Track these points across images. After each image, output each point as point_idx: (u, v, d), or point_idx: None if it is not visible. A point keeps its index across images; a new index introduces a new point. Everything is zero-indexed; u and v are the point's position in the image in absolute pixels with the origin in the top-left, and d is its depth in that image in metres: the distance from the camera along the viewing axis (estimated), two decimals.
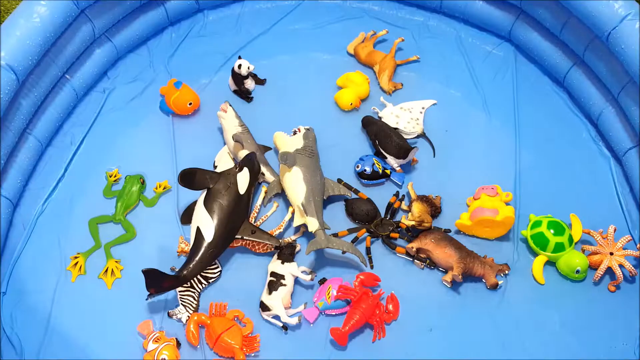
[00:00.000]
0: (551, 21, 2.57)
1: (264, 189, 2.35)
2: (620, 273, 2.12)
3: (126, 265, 2.24)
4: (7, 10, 3.00)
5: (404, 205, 2.35)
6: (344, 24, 2.94)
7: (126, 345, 2.07)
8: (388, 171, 2.41)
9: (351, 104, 2.60)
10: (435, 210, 2.29)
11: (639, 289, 2.17)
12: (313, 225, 2.15)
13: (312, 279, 2.15)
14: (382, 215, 2.31)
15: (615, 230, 2.20)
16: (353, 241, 2.23)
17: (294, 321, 2.05)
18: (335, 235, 2.22)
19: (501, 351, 2.06)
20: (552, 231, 2.18)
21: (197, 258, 2.07)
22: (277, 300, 2.07)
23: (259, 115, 2.59)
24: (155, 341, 2.02)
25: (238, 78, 2.63)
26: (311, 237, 2.18)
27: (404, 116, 2.56)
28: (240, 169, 2.24)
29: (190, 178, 2.17)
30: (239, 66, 2.59)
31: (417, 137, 2.55)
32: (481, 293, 2.17)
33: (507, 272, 2.19)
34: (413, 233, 2.26)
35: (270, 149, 2.50)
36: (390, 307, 2.11)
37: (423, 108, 2.63)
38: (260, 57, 2.76)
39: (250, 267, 2.23)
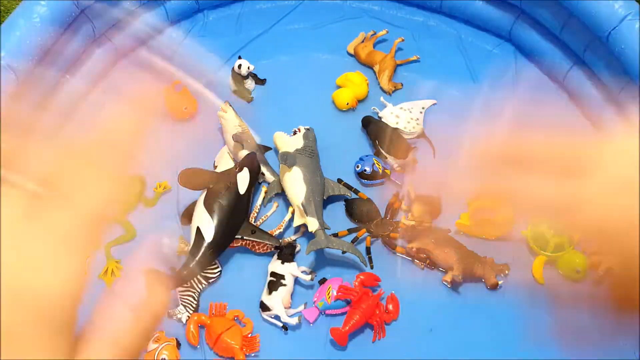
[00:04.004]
0: (551, 21, 2.57)
1: (264, 189, 2.35)
2: None
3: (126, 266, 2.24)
4: (7, 10, 3.00)
5: (404, 205, 2.35)
6: (344, 24, 2.94)
7: None
8: (388, 171, 2.41)
9: (347, 104, 2.60)
10: (435, 210, 2.29)
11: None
12: (313, 225, 2.15)
13: (312, 279, 2.15)
14: (382, 215, 2.31)
15: None
16: (353, 241, 2.23)
17: (294, 321, 2.05)
18: (335, 235, 2.22)
19: (501, 351, 2.06)
20: (552, 231, 2.18)
21: (197, 258, 2.07)
22: (277, 300, 2.07)
23: (259, 115, 2.59)
24: (155, 341, 2.01)
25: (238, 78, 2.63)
26: (311, 237, 2.18)
27: (404, 116, 2.56)
28: (240, 169, 2.24)
29: (190, 178, 2.17)
30: (239, 66, 2.59)
31: (417, 137, 2.55)
32: (481, 293, 2.17)
33: (507, 272, 2.19)
34: (412, 233, 2.25)
35: (270, 149, 2.50)
36: (390, 307, 2.11)
37: (423, 108, 2.63)
38: (260, 57, 2.76)
39: (250, 267, 2.23)
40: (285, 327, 2.08)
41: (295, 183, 2.24)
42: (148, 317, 0.52)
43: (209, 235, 2.09)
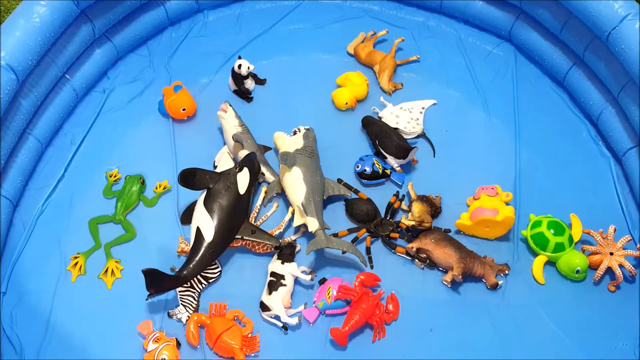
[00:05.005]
0: (551, 21, 2.57)
1: (264, 189, 2.35)
2: (620, 273, 2.12)
3: (126, 265, 2.24)
4: (7, 10, 3.00)
5: (404, 205, 2.35)
6: (344, 24, 2.94)
7: (126, 345, 2.07)
8: (388, 171, 2.41)
9: (346, 104, 2.60)
10: (435, 210, 2.29)
11: (639, 289, 2.17)
12: (313, 225, 2.15)
13: (312, 279, 2.15)
14: (382, 215, 2.31)
15: (615, 230, 2.20)
16: (353, 241, 2.23)
17: (294, 321, 2.05)
18: (335, 235, 2.22)
19: (501, 351, 2.06)
20: (552, 231, 2.18)
21: (197, 258, 2.07)
22: (277, 301, 2.07)
23: (259, 115, 2.59)
24: (155, 341, 2.02)
25: (238, 78, 2.63)
26: (311, 237, 2.18)
27: (404, 116, 2.57)
28: (240, 169, 2.24)
29: (190, 178, 2.17)
30: (239, 66, 2.59)
31: (417, 137, 2.55)
32: (481, 293, 2.17)
33: (507, 272, 2.18)
34: (413, 233, 2.26)
35: (270, 149, 2.50)
36: (390, 307, 2.11)
37: (423, 108, 2.63)
38: (260, 57, 2.76)
39: (250, 267, 2.23)
40: (285, 327, 2.08)
41: (295, 183, 2.24)
42: None
43: (209, 235, 2.10)
